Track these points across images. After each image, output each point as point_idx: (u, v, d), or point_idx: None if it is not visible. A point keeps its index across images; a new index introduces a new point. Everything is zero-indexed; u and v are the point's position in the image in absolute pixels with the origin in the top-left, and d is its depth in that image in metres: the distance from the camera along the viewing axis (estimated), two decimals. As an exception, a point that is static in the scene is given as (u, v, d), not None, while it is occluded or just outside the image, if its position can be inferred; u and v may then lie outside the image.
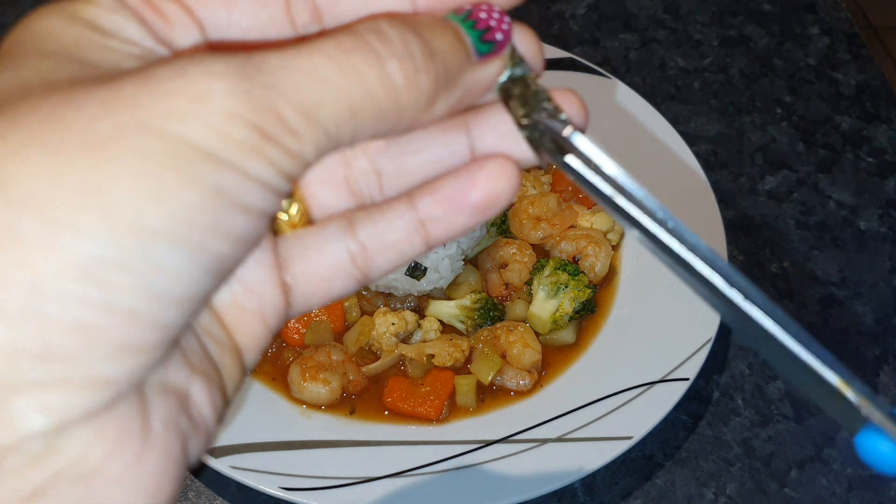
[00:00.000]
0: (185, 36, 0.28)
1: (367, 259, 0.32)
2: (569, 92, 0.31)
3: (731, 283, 0.30)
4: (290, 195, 0.30)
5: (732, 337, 0.81)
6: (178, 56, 0.27)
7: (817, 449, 0.76)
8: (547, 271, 0.81)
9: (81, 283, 0.23)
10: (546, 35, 1.02)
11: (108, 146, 0.23)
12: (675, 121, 0.91)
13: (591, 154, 0.29)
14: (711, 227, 0.82)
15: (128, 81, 0.25)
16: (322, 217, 0.32)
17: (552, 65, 0.95)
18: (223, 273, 0.26)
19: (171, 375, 0.26)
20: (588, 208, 0.87)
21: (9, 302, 0.23)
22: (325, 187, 0.32)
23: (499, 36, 0.29)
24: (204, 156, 0.24)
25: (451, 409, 0.76)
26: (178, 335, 0.25)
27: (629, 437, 0.70)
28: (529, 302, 0.81)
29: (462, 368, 0.78)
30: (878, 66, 1.02)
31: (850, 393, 0.31)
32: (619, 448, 0.70)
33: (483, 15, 0.29)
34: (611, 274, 0.84)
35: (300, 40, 0.28)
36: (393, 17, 0.28)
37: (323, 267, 0.31)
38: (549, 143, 0.30)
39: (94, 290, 0.23)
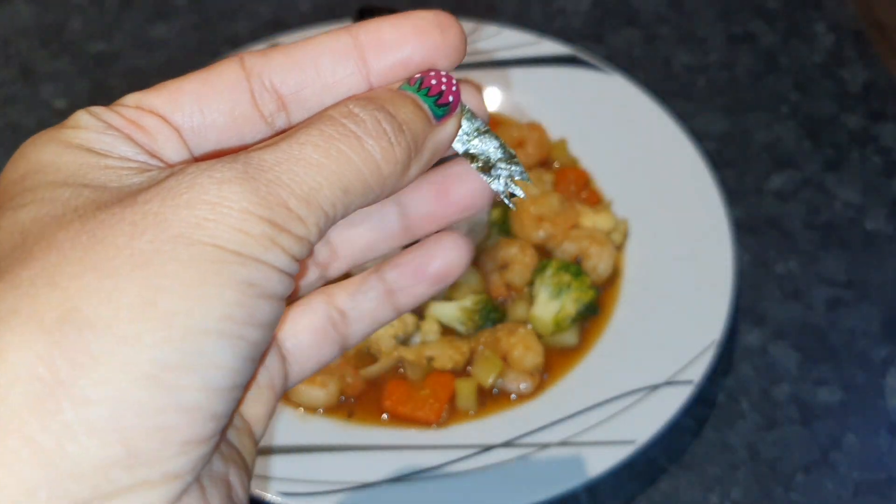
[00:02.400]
0: (167, 144, 0.31)
1: (346, 326, 0.36)
2: (471, 86, 0.35)
3: None
4: None
5: (738, 339, 0.80)
6: (176, 168, 0.29)
7: (823, 453, 0.75)
8: (549, 272, 0.80)
9: (154, 389, 0.26)
10: (548, 31, 1.01)
11: (152, 262, 0.26)
12: (680, 118, 0.90)
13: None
14: (717, 226, 0.81)
15: (149, 200, 0.27)
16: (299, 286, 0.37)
17: (555, 61, 0.94)
18: (256, 359, 0.28)
19: (215, 465, 0.29)
20: (591, 207, 0.86)
21: (96, 418, 0.25)
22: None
23: (451, 98, 0.33)
24: (233, 255, 0.27)
25: (450, 413, 0.74)
26: (227, 424, 0.28)
27: (633, 441, 0.69)
28: (531, 303, 0.80)
29: (462, 371, 0.77)
30: (885, 65, 1.01)
31: None
32: (622, 453, 0.69)
33: (434, 81, 0.33)
34: (614, 275, 0.82)
35: (274, 136, 0.31)
36: (359, 98, 0.32)
37: (310, 335, 0.35)
38: (506, 180, 0.35)
39: (165, 394, 0.26)
